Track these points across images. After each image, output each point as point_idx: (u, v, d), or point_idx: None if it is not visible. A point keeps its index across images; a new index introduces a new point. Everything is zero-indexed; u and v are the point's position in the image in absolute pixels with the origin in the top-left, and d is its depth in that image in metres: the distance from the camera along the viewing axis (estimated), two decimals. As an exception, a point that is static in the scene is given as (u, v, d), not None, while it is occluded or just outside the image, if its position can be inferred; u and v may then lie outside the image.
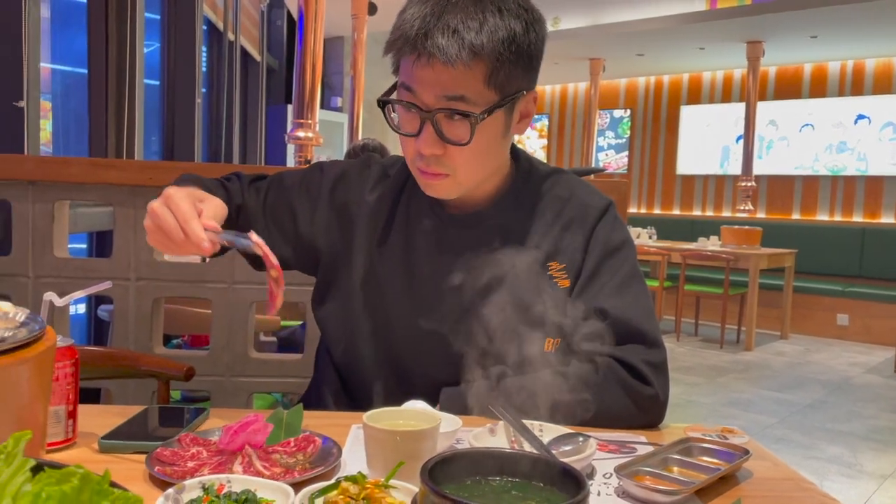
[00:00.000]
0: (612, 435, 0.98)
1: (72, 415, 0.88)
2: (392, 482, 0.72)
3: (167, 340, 2.39)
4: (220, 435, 0.86)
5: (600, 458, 0.89)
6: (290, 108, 7.53)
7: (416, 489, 0.72)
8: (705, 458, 0.90)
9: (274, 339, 2.78)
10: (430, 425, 0.78)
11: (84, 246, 3.29)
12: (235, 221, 1.18)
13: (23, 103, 2.44)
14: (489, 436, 0.91)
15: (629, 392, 1.03)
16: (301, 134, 3.24)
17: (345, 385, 1.23)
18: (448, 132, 1.01)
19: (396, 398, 1.14)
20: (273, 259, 0.93)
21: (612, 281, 1.11)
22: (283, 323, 2.58)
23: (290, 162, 7.32)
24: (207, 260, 3.17)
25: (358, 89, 5.86)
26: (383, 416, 0.82)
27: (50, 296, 0.83)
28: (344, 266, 1.19)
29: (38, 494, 0.41)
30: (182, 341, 2.58)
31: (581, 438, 0.88)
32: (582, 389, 1.02)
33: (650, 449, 0.92)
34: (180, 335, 2.56)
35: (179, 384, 1.64)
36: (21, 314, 0.66)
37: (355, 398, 1.20)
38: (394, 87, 1.07)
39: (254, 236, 0.93)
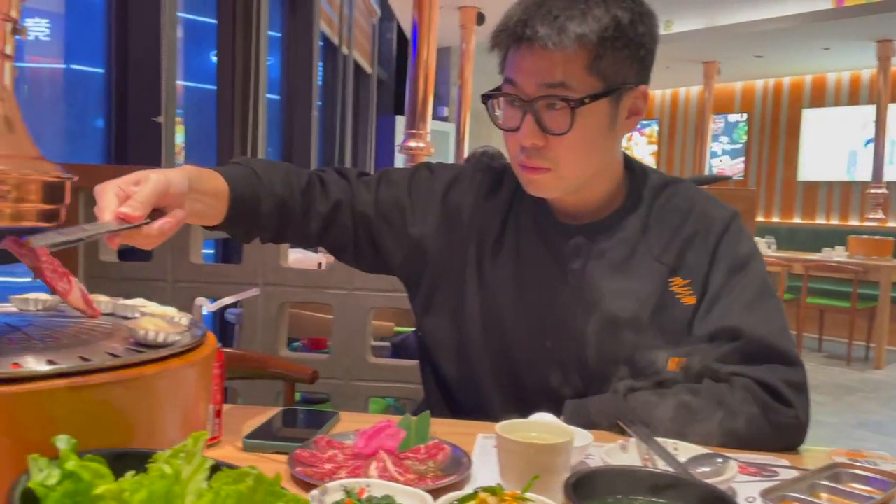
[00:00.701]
0: (751, 457, 0.93)
1: (219, 414, 0.93)
2: (527, 495, 0.71)
3: (287, 343, 2.49)
4: (355, 439, 0.89)
5: (741, 480, 0.85)
6: (398, 118, 7.72)
7: (550, 502, 0.72)
8: (856, 486, 0.84)
9: (387, 344, 2.85)
10: (564, 439, 0.77)
11: (211, 251, 3.48)
12: (332, 216, 1.14)
13: (161, 118, 2.61)
14: (621, 452, 0.89)
15: (769, 414, 0.98)
16: (413, 144, 3.31)
17: (449, 399, 1.20)
18: (548, 122, 0.99)
19: (511, 409, 1.13)
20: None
21: (742, 297, 1.06)
22: (397, 329, 2.63)
23: (399, 171, 7.46)
24: (323, 266, 3.27)
25: (465, 99, 5.91)
26: (515, 428, 0.82)
27: (201, 301, 0.88)
28: (452, 273, 1.16)
29: (218, 492, 0.44)
30: (301, 344, 2.68)
31: (720, 460, 0.85)
32: (716, 409, 0.98)
33: (793, 473, 0.87)
34: (300, 338, 2.67)
35: (302, 386, 1.71)
36: (184, 318, 0.71)
37: (464, 409, 1.18)
38: (499, 88, 1.06)
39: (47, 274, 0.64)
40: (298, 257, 2.97)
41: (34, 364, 0.53)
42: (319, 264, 3.34)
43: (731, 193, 1.87)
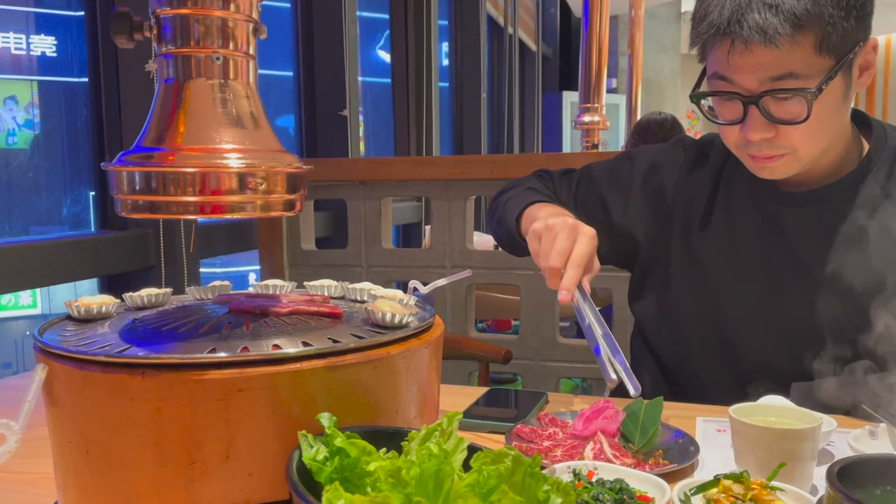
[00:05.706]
0: None
1: (434, 393, 0.95)
2: (774, 483, 0.66)
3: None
4: (575, 419, 0.88)
5: None
6: (565, 94, 7.57)
7: (803, 493, 0.66)
8: None
9: (567, 323, 2.81)
10: (812, 425, 0.70)
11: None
12: None
13: (346, 112, 2.75)
14: (869, 439, 0.81)
15: None
16: (588, 119, 3.22)
17: (665, 372, 1.18)
18: (779, 113, 0.90)
19: (728, 389, 1.07)
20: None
21: None
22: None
23: (568, 148, 7.34)
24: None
25: (636, 68, 5.66)
26: (749, 412, 0.76)
27: (414, 283, 0.90)
28: (662, 254, 1.14)
29: (480, 471, 0.44)
30: (486, 325, 2.72)
31: None
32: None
33: None
34: (484, 319, 2.70)
35: (492, 366, 1.72)
36: (411, 300, 0.72)
37: (678, 385, 1.15)
38: (702, 77, 0.98)
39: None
40: (477, 240, 3.01)
41: (291, 346, 0.56)
42: (496, 246, 3.37)
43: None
